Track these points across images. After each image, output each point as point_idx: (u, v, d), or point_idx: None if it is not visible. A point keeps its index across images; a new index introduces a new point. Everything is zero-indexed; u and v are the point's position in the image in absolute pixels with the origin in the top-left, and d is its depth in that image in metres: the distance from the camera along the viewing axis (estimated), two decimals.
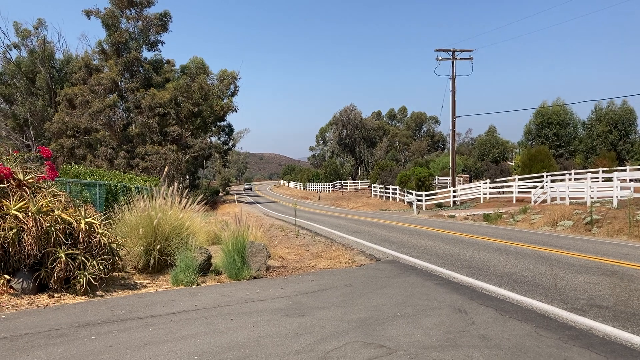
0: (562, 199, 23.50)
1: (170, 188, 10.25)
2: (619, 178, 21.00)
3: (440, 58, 37.29)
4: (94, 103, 41.49)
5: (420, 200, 35.40)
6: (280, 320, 5.96)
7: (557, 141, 54.10)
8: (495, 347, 4.85)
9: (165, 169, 42.73)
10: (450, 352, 4.75)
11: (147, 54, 49.02)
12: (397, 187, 43.53)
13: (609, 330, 5.42)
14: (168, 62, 50.34)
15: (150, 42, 47.67)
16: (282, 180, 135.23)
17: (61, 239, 7.28)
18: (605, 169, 37.20)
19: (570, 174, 33.78)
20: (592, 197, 20.70)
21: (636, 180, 23.04)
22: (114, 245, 8.07)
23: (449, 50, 37.31)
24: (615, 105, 54.84)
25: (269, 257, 10.05)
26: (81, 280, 7.20)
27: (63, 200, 7.93)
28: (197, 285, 8.34)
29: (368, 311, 6.37)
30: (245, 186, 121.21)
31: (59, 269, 7.11)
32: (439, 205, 35.86)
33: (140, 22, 46.03)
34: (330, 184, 77.78)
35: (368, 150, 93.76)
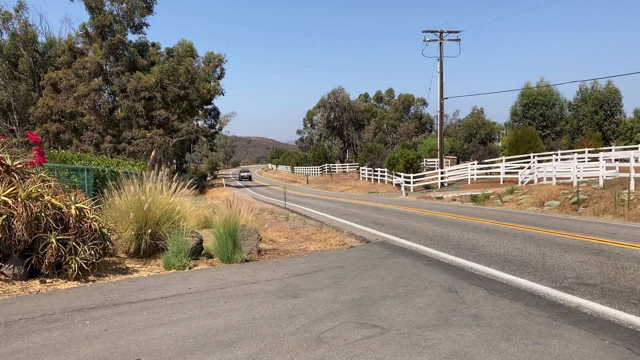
0: (549, 179, 23.73)
1: (160, 173, 10.21)
2: (604, 158, 21.22)
3: (427, 39, 37.22)
4: (78, 87, 41.03)
5: (409, 182, 35.56)
6: (273, 302, 6.01)
7: (543, 122, 54.47)
8: (487, 326, 4.94)
9: (152, 154, 42.47)
10: (442, 331, 4.83)
11: (132, 37, 48.61)
12: (386, 169, 43.66)
13: (597, 308, 5.53)
14: (153, 44, 49.82)
15: (135, 25, 47.11)
16: (270, 164, 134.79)
17: (52, 225, 7.25)
18: (591, 149, 37.57)
19: (556, 154, 34.09)
20: (578, 177, 20.93)
21: (622, 160, 23.29)
22: (105, 230, 8.05)
23: (437, 32, 37.25)
24: (599, 86, 55.23)
25: (260, 240, 10.09)
26: (73, 265, 7.19)
27: (52, 185, 7.88)
28: (190, 269, 8.36)
29: (360, 292, 6.44)
30: (242, 174, 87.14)
31: (50, 254, 7.09)
32: (427, 187, 36.06)
33: (124, 5, 45.45)
34: (318, 167, 77.79)
35: (356, 132, 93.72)
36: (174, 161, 60.43)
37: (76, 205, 7.68)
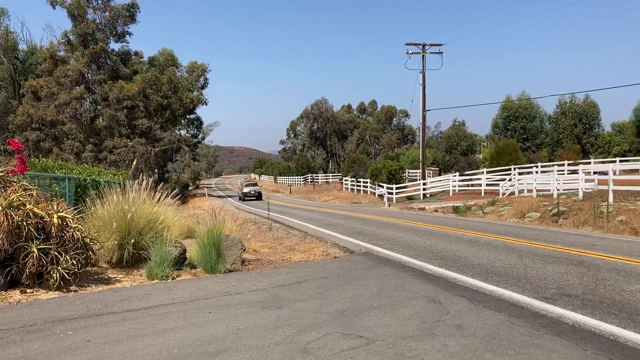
0: (530, 191, 23.99)
1: (144, 182, 10.14)
2: (584, 171, 21.53)
3: (410, 52, 37.55)
4: (60, 95, 40.63)
5: (391, 193, 35.69)
6: (258, 313, 5.99)
7: (524, 134, 55.22)
8: (471, 336, 4.98)
9: (134, 163, 42.12)
10: (427, 341, 4.86)
11: (114, 45, 48.21)
12: (368, 180, 43.78)
13: (578, 318, 5.60)
14: (136, 53, 49.56)
15: (117, 33, 46.85)
16: (252, 174, 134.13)
17: (33, 234, 7.16)
18: (570, 161, 38.13)
19: (537, 166, 34.50)
20: (558, 190, 21.19)
21: (600, 173, 23.67)
22: (88, 240, 7.98)
23: (419, 44, 37.61)
24: (578, 100, 56.21)
25: (244, 250, 10.05)
26: (54, 275, 7.10)
27: (34, 194, 7.80)
28: (173, 279, 8.30)
29: (345, 302, 6.44)
30: (246, 189, 49.82)
31: (31, 264, 6.99)
32: (410, 198, 36.22)
33: (107, 13, 45.22)
34: (301, 177, 77.72)
35: (339, 143, 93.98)
36: (156, 170, 59.97)
37: (58, 214, 7.60)
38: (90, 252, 8.11)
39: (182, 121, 59.52)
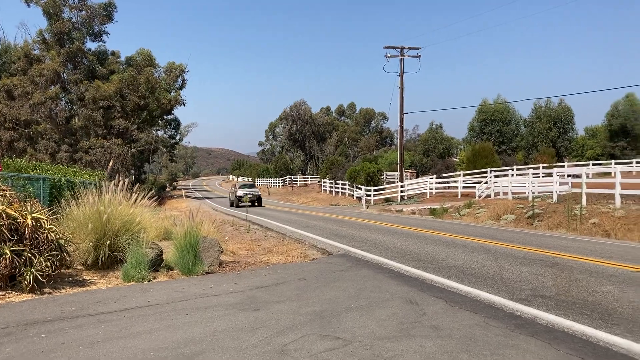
0: (505, 193, 24.31)
1: (120, 183, 10.04)
2: (558, 174, 21.91)
3: (389, 55, 37.81)
4: (34, 95, 39.95)
5: (369, 195, 35.85)
6: (235, 315, 5.97)
7: (500, 138, 55.89)
8: (447, 337, 5.03)
9: (110, 163, 41.63)
10: (404, 342, 4.89)
11: (91, 45, 47.61)
12: (347, 182, 43.91)
13: (552, 319, 5.69)
14: (113, 53, 48.99)
15: (94, 33, 46.25)
16: (231, 176, 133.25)
17: (6, 235, 7.04)
18: (545, 165, 38.75)
19: (512, 169, 34.96)
20: (533, 192, 21.50)
21: (574, 176, 24.09)
22: (62, 241, 7.86)
23: (398, 48, 37.89)
24: (553, 104, 57.17)
25: (222, 252, 10.01)
26: (28, 277, 6.99)
27: (7, 194, 7.66)
28: (149, 281, 8.23)
29: (323, 304, 6.46)
30: (240, 191, 38.12)
31: (3, 265, 6.87)
32: (387, 200, 36.41)
33: (83, 12, 44.58)
34: (280, 179, 77.62)
35: (318, 145, 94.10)
36: (133, 171, 59.37)
37: (32, 215, 7.48)
38: (65, 254, 7.99)
39: (160, 122, 58.98)
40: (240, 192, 38.00)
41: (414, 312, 6.03)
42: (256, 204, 37.25)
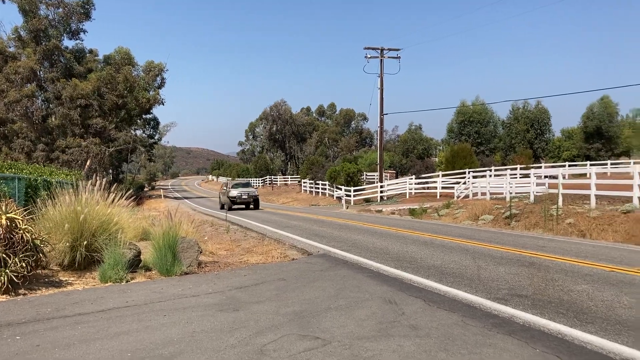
0: (483, 194, 24.57)
1: (98, 183, 9.91)
2: (535, 175, 22.22)
3: (369, 56, 37.96)
4: (9, 93, 39.30)
5: (349, 196, 35.93)
6: (214, 316, 5.94)
7: (478, 139, 56.45)
8: (425, 337, 5.07)
9: (87, 163, 41.11)
10: (382, 342, 4.92)
11: (68, 43, 46.96)
12: (327, 182, 43.97)
13: (529, 318, 5.77)
14: (91, 51, 48.44)
15: (71, 31, 45.68)
16: (210, 175, 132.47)
17: None
18: (522, 166, 39.26)
19: (490, 170, 35.34)
20: (511, 193, 21.76)
21: (551, 177, 24.43)
22: (38, 242, 7.73)
23: (378, 49, 38.05)
24: (530, 106, 57.96)
25: (201, 252, 9.95)
26: (2, 278, 6.87)
27: None
28: (127, 282, 8.14)
29: (302, 304, 6.46)
30: (234, 191, 32.73)
31: None
32: (367, 200, 36.53)
33: (60, 9, 44.02)
34: (260, 179, 77.39)
35: (298, 145, 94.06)
36: (110, 171, 58.62)
37: (7, 215, 7.35)
38: (41, 255, 7.86)
39: (138, 121, 58.37)
40: (234, 192, 32.92)
41: (393, 311, 6.06)
42: (252, 206, 32.93)
